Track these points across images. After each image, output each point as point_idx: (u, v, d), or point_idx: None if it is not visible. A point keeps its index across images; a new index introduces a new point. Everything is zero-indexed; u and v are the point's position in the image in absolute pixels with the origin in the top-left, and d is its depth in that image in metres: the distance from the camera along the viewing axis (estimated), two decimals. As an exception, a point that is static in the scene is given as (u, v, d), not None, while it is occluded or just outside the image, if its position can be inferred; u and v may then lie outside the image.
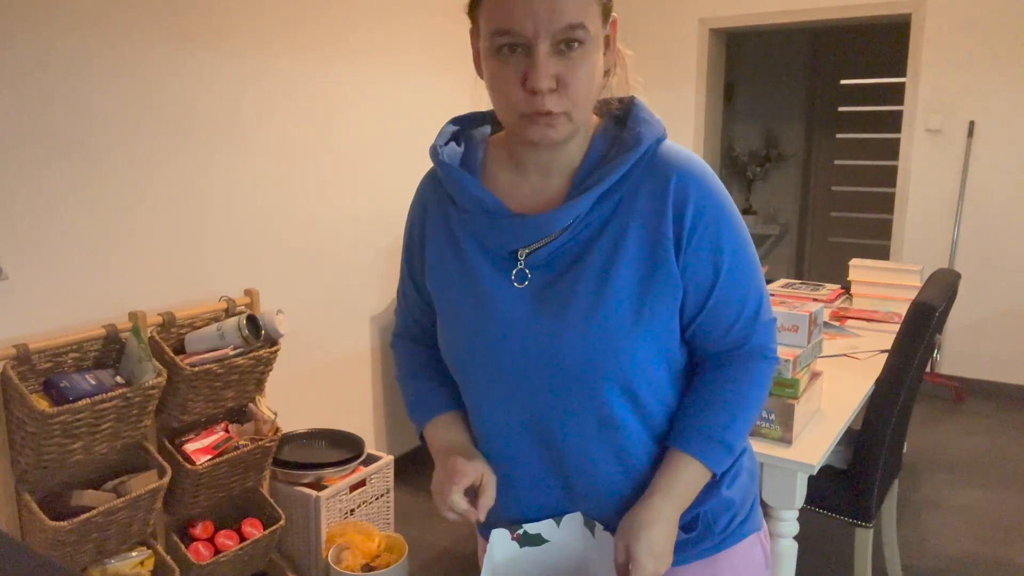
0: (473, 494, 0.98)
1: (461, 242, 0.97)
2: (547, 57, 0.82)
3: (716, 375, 0.96)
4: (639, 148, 0.90)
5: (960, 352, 4.22)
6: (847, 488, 2.02)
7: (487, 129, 1.03)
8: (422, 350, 1.12)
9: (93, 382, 1.85)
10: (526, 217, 0.91)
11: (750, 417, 0.96)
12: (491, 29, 0.84)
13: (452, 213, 0.98)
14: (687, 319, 0.94)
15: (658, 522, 0.90)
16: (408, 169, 3.13)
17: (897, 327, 2.09)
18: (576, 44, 0.82)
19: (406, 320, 1.13)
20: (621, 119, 0.95)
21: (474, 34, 0.93)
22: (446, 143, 1.00)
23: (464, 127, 1.03)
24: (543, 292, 0.92)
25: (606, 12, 0.87)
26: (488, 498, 0.97)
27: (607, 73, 0.93)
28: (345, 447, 2.56)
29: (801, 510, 1.70)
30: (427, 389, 1.08)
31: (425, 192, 1.04)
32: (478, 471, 0.98)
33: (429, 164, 1.04)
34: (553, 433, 0.94)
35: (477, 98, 0.96)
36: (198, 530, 2.21)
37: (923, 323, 1.91)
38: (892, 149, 4.71)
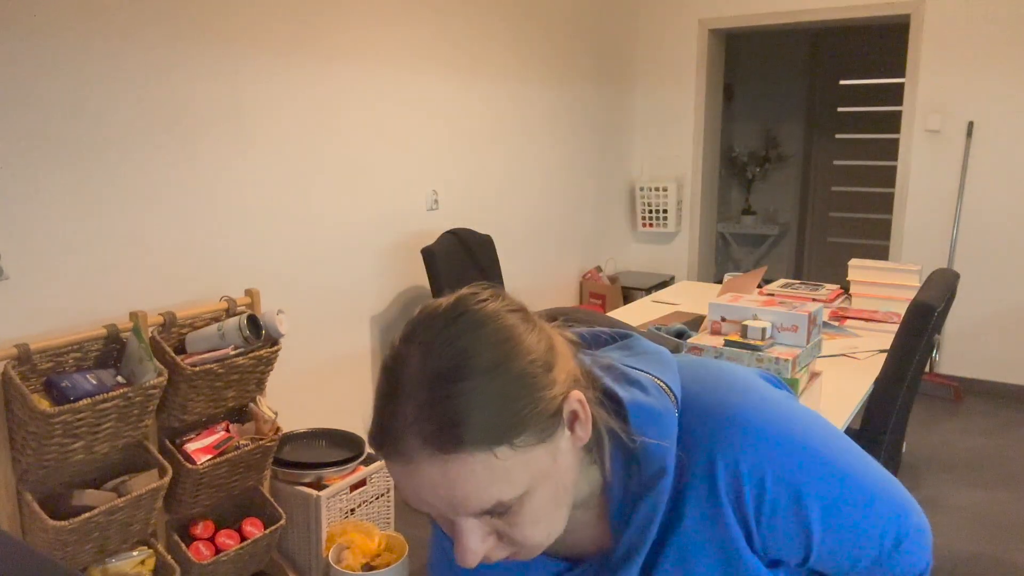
0: None
1: None
2: (473, 526, 0.65)
3: None
4: (666, 478, 0.71)
5: (959, 352, 4.23)
6: (846, 487, 2.02)
7: None
8: None
9: (94, 382, 1.85)
10: None
11: None
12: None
13: None
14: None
15: None
16: (408, 170, 3.13)
17: (896, 327, 2.09)
18: (502, 512, 0.65)
19: None
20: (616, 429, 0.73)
21: None
22: None
23: None
24: None
25: (549, 426, 0.65)
26: None
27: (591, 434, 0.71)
28: (345, 447, 2.56)
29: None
30: None
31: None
32: None
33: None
34: None
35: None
36: (199, 529, 2.21)
37: (922, 323, 1.91)
38: (891, 149, 4.72)
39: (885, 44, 5.66)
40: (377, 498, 2.57)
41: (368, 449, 2.58)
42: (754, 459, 0.70)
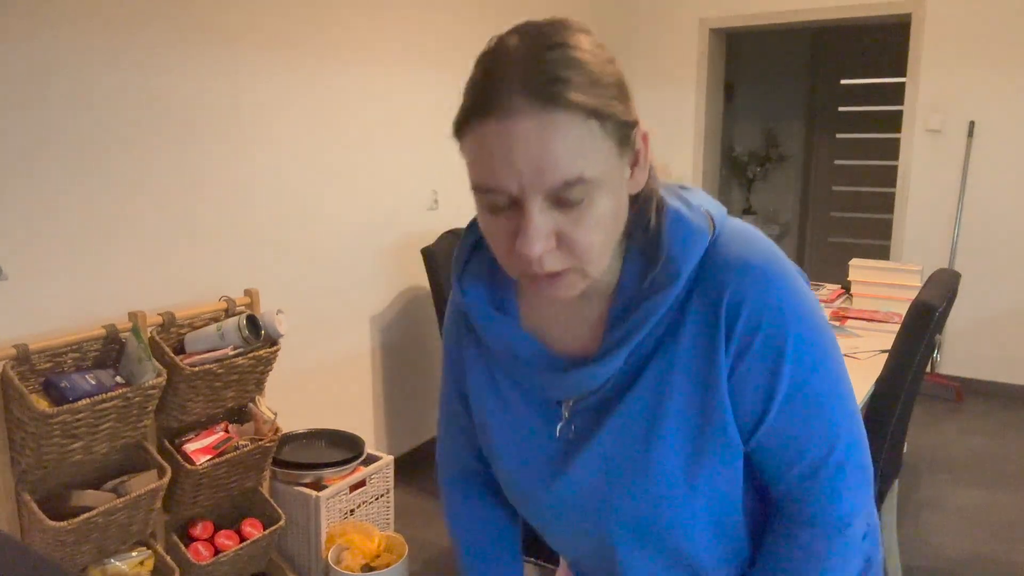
0: None
1: (500, 382, 0.86)
2: (541, 214, 0.67)
3: (776, 547, 0.81)
4: (676, 284, 0.74)
5: (960, 352, 4.22)
6: (847, 488, 2.01)
7: None
8: (476, 502, 1.02)
9: (93, 382, 1.85)
10: (565, 373, 0.79)
11: None
12: (473, 181, 0.71)
13: (486, 347, 0.87)
14: (744, 446, 0.80)
15: None
16: (408, 169, 3.13)
17: (897, 327, 2.09)
18: (576, 197, 0.67)
19: (456, 451, 1.00)
20: (652, 227, 0.78)
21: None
22: (467, 261, 0.86)
23: None
24: (586, 445, 0.81)
25: (624, 138, 0.70)
26: None
27: (638, 197, 0.77)
28: (345, 447, 2.56)
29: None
30: (474, 565, 1.00)
31: (459, 315, 0.91)
32: None
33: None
34: (617, 568, 0.85)
35: None
36: (198, 530, 2.21)
37: (923, 323, 1.91)
38: (892, 149, 4.71)
39: (886, 43, 5.65)
40: (377, 499, 2.56)
41: (367, 450, 2.57)
42: (759, 303, 0.73)
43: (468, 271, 0.86)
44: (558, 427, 0.82)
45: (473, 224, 0.86)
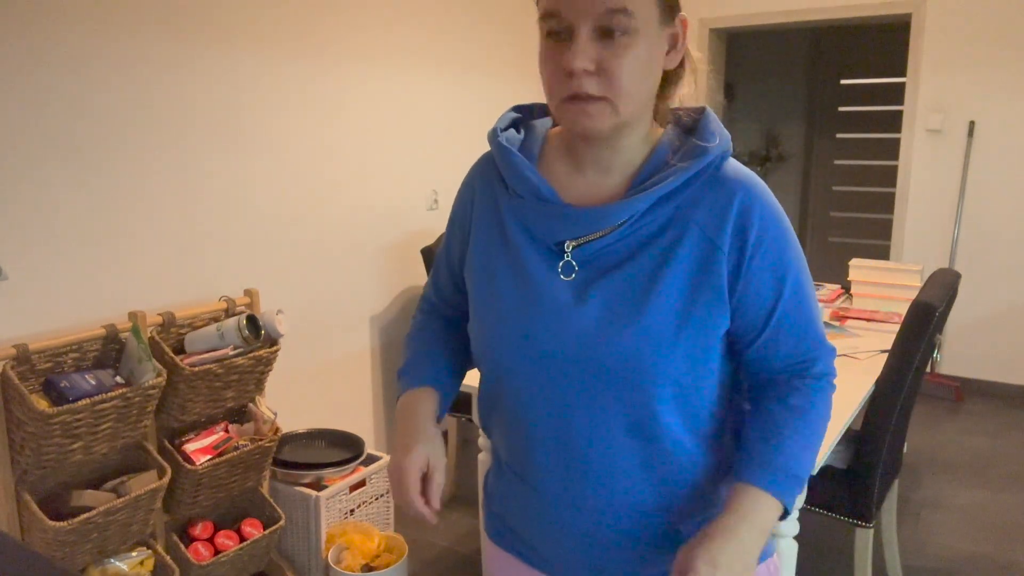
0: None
1: (508, 229, 0.95)
2: (588, 41, 0.81)
3: (782, 405, 0.94)
4: (704, 158, 0.88)
5: (960, 352, 4.22)
6: (847, 488, 2.02)
7: (548, 121, 1.02)
8: (436, 320, 1.13)
9: (93, 382, 1.85)
10: (578, 208, 0.90)
11: (817, 447, 0.94)
12: (540, 12, 0.85)
13: (502, 198, 0.97)
14: (748, 339, 0.93)
15: (729, 539, 0.84)
16: (408, 169, 3.13)
17: (897, 327, 2.09)
18: (618, 31, 0.81)
19: (432, 291, 1.16)
20: (689, 129, 0.94)
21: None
22: (505, 128, 0.99)
23: (525, 116, 1.02)
24: (588, 287, 0.90)
25: (668, 7, 0.86)
26: (436, 483, 0.95)
27: (675, 77, 0.93)
28: (345, 447, 2.56)
29: (801, 510, 1.70)
30: (417, 360, 1.07)
31: (477, 174, 1.03)
32: (422, 460, 0.95)
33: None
34: (577, 438, 0.92)
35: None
36: (198, 530, 2.21)
37: (923, 323, 1.91)
38: (892, 149, 4.71)
39: (886, 43, 5.65)
40: (376, 499, 2.56)
41: (367, 450, 2.57)
42: (766, 214, 0.89)
43: (505, 132, 0.97)
44: (560, 264, 0.91)
45: (518, 106, 1.02)
